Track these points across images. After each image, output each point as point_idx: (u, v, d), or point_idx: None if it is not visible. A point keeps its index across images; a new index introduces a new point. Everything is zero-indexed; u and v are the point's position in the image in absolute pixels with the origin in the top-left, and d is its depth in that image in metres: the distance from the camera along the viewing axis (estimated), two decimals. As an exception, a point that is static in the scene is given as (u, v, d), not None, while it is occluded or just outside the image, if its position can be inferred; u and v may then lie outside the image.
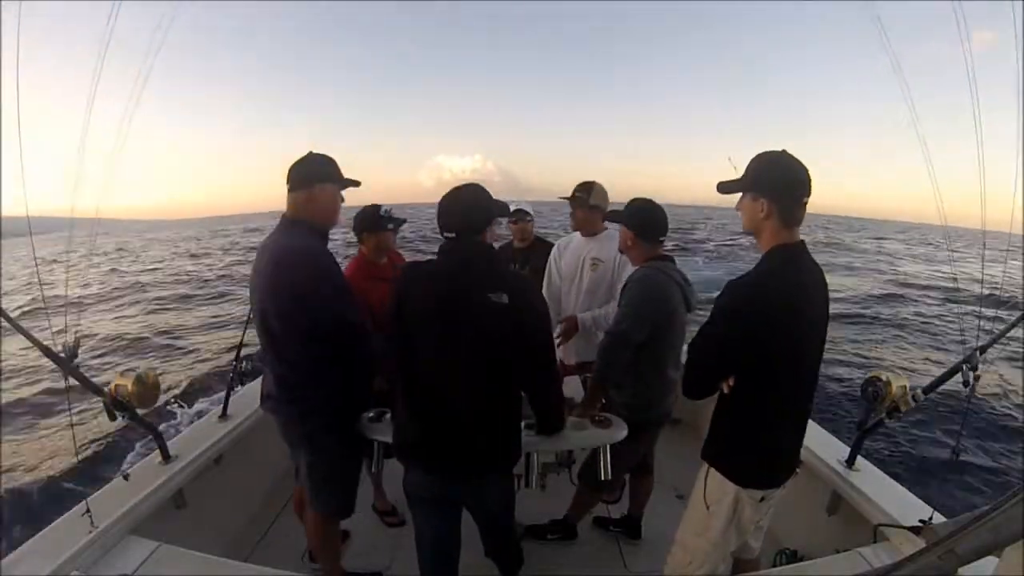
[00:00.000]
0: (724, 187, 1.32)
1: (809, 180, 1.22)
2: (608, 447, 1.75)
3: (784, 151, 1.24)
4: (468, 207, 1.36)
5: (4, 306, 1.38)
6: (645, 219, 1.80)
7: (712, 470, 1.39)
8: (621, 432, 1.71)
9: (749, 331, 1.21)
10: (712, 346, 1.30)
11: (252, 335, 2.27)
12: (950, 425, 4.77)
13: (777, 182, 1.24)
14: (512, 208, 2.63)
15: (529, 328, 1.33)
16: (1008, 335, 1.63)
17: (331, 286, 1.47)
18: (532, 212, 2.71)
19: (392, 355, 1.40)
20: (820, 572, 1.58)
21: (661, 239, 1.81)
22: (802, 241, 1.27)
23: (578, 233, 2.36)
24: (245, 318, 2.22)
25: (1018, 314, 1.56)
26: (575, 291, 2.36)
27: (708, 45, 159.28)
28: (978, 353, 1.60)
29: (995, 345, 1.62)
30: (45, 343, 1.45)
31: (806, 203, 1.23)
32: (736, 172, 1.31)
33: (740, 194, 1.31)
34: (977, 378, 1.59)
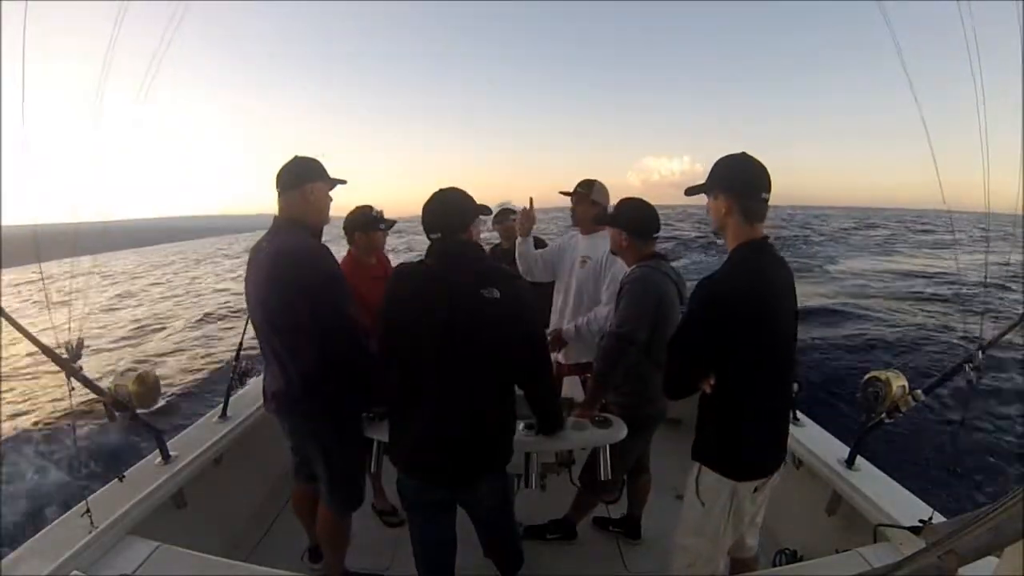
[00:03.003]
0: (690, 191, 1.40)
1: (766, 177, 1.28)
2: (608, 447, 1.75)
3: (744, 152, 1.31)
4: (449, 207, 1.38)
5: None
6: (637, 217, 1.81)
7: (704, 468, 1.41)
8: (621, 432, 1.71)
9: (721, 327, 1.25)
10: (686, 345, 1.33)
11: (252, 335, 2.28)
12: (951, 425, 4.77)
13: (734, 180, 1.30)
14: (497, 208, 2.66)
15: (522, 320, 1.34)
16: (1009, 335, 1.63)
17: (336, 283, 1.49)
18: (517, 211, 2.74)
19: (381, 362, 1.41)
20: (820, 572, 1.58)
21: (654, 236, 1.82)
22: (765, 237, 1.31)
23: (579, 233, 2.37)
24: (244, 318, 2.22)
25: (1020, 313, 1.56)
26: (564, 289, 2.38)
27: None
28: (980, 353, 1.59)
29: (996, 344, 1.62)
30: (46, 342, 1.45)
31: (766, 199, 1.29)
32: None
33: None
34: (979, 378, 1.58)
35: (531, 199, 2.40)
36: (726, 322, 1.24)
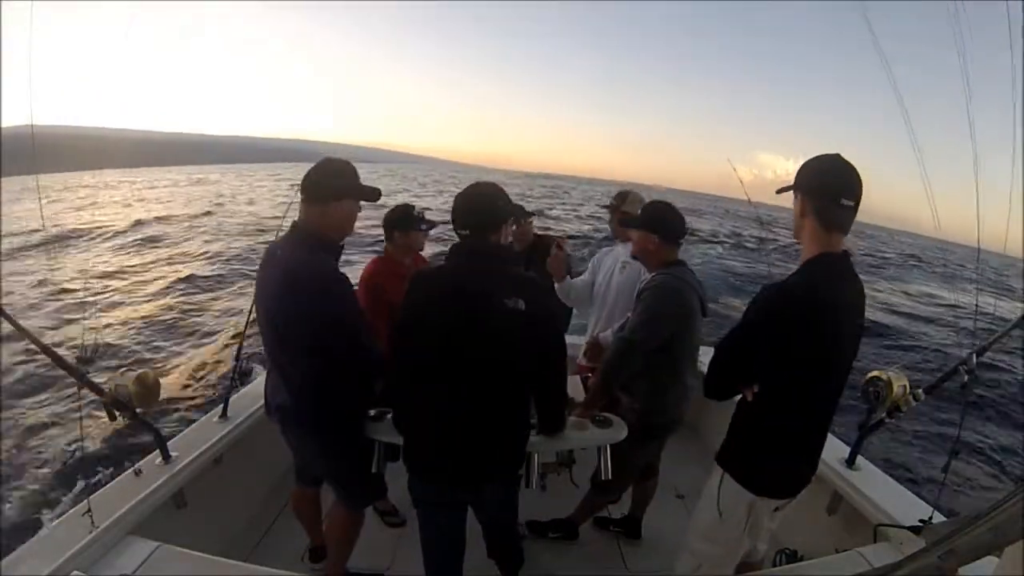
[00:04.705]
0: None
1: (854, 182, 1.16)
2: (608, 447, 1.75)
3: (837, 154, 1.18)
4: (483, 204, 1.34)
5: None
6: (668, 220, 1.76)
7: (727, 476, 1.36)
8: (621, 432, 1.70)
9: (777, 339, 1.18)
10: (738, 348, 1.27)
11: (251, 335, 2.27)
12: (950, 425, 4.78)
13: (813, 178, 1.19)
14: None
15: (545, 335, 1.31)
16: (1006, 337, 1.64)
17: (343, 306, 1.46)
18: (532, 213, 2.73)
19: (395, 360, 1.39)
20: (820, 572, 1.58)
21: (681, 241, 1.79)
22: (846, 252, 1.20)
23: (618, 242, 2.35)
24: (246, 318, 2.22)
25: (1017, 316, 1.56)
26: (602, 292, 2.37)
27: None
28: (974, 356, 1.60)
29: (994, 347, 1.63)
30: (53, 343, 1.45)
31: (848, 207, 1.16)
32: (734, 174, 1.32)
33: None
34: (976, 379, 1.59)
35: (559, 242, 2.36)
36: (777, 335, 1.18)
